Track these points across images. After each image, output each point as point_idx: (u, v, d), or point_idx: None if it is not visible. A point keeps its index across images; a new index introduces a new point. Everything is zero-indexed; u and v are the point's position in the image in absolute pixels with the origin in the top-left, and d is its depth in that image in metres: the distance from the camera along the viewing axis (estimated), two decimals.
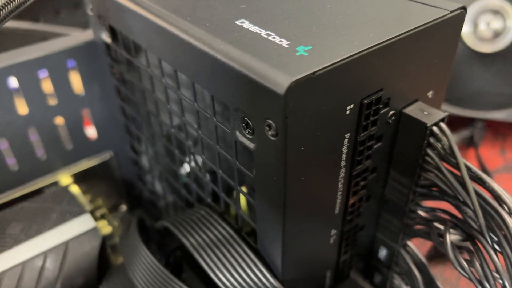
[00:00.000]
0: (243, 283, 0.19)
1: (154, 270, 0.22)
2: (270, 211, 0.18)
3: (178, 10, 0.19)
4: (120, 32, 0.23)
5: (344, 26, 0.17)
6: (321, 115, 0.16)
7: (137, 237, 0.23)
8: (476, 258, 0.18)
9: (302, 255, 0.20)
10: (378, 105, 0.18)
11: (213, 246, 0.20)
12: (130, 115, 0.28)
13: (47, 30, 0.55)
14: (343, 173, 0.19)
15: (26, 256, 0.25)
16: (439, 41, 0.19)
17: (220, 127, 0.19)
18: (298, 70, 0.14)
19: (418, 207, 0.22)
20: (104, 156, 0.31)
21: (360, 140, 0.18)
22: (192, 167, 0.23)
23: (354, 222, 0.22)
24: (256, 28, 0.17)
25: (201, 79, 0.18)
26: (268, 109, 0.15)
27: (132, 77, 0.25)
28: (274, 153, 0.16)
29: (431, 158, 0.19)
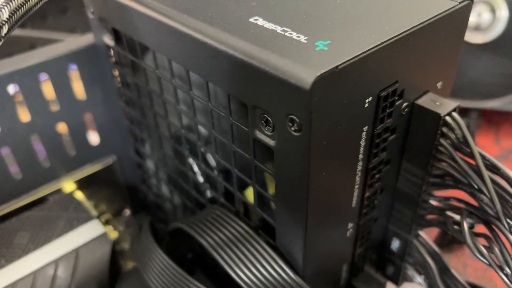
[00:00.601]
0: (264, 280, 0.19)
1: (170, 272, 0.22)
2: (291, 208, 0.18)
3: (188, 10, 0.19)
4: (125, 34, 0.23)
5: (358, 20, 0.17)
6: (342, 108, 0.16)
7: (151, 239, 0.23)
8: (494, 244, 0.19)
9: (322, 250, 0.20)
10: (394, 97, 0.18)
11: (232, 245, 0.20)
12: (134, 118, 0.28)
13: (35, 35, 0.55)
14: (360, 166, 0.19)
15: (37, 266, 0.24)
16: (448, 32, 0.19)
17: (235, 126, 0.18)
18: (321, 65, 0.14)
19: (431, 197, 0.22)
20: (107, 161, 0.31)
21: (377, 132, 0.18)
22: (203, 167, 0.23)
23: (369, 215, 0.22)
24: (271, 25, 0.17)
25: (217, 78, 0.18)
26: (292, 104, 0.15)
27: (138, 79, 0.24)
28: (297, 149, 0.16)
29: (444, 148, 0.19)
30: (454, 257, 0.34)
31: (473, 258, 0.34)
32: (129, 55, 0.24)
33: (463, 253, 0.34)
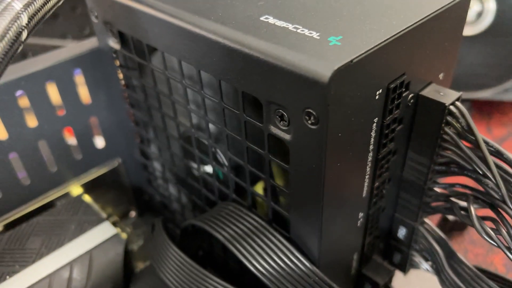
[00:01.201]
0: (281, 271, 0.20)
1: (187, 268, 0.22)
2: (307, 200, 0.19)
3: (199, 11, 0.19)
4: (132, 37, 0.23)
5: (366, 16, 0.18)
6: (356, 101, 0.16)
7: (165, 237, 0.24)
8: (502, 226, 0.19)
9: (335, 240, 0.21)
10: (401, 89, 0.18)
11: (248, 238, 0.21)
12: (140, 120, 0.28)
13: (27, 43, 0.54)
14: (370, 157, 0.19)
15: (51, 269, 0.25)
16: (450, 24, 0.20)
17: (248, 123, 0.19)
18: (337, 59, 0.15)
19: (436, 184, 0.23)
20: (112, 164, 0.31)
21: (386, 123, 0.19)
22: (214, 165, 0.23)
23: (378, 204, 0.22)
24: (282, 23, 0.17)
25: (230, 77, 0.18)
26: (309, 98, 0.15)
27: (145, 81, 0.25)
28: (314, 142, 0.16)
29: (449, 136, 0.20)
30: (454, 243, 0.35)
31: (473, 244, 0.35)
32: (136, 57, 0.24)
33: (463, 240, 0.35)
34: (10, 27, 0.15)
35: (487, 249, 0.34)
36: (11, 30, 0.15)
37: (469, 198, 0.21)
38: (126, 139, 0.30)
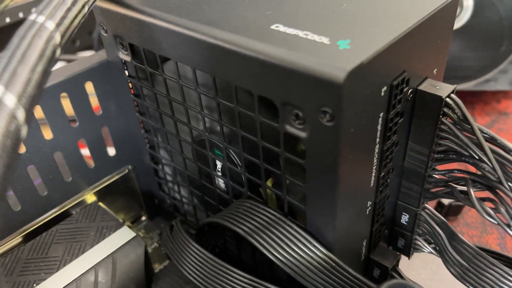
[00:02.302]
0: (300, 259, 0.22)
1: (209, 263, 0.24)
2: (322, 192, 0.20)
3: (212, 22, 0.21)
4: (143, 49, 0.25)
5: (368, 20, 0.19)
6: (365, 98, 0.18)
7: (185, 235, 0.25)
8: (500, 205, 0.21)
9: (348, 229, 0.22)
10: (402, 85, 0.20)
11: (267, 230, 0.22)
12: (151, 127, 0.29)
13: None
14: (377, 149, 0.21)
15: (77, 274, 0.26)
16: (442, 23, 0.22)
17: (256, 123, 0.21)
18: (349, 61, 0.16)
19: (435, 171, 0.25)
20: (123, 171, 0.33)
21: (390, 117, 0.21)
22: (228, 165, 0.25)
23: (384, 193, 0.24)
24: (292, 30, 0.19)
25: (246, 82, 0.20)
26: (325, 98, 0.17)
27: (157, 90, 0.26)
28: (329, 137, 0.18)
29: (446, 126, 0.22)
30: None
31: (468, 227, 0.37)
32: (148, 68, 0.25)
33: (458, 223, 0.37)
34: (46, 47, 0.16)
35: (481, 231, 0.36)
36: (48, 50, 0.16)
37: (468, 182, 0.23)
38: (135, 146, 0.32)
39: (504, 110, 0.50)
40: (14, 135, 0.13)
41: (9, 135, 0.13)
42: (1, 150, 0.13)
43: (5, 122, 0.13)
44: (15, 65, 0.14)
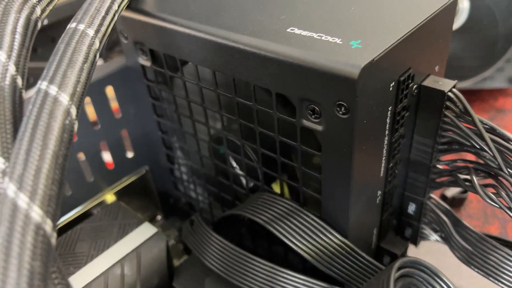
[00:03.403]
0: (318, 245, 0.23)
1: (230, 252, 0.25)
2: (337, 182, 0.22)
3: (232, 27, 0.22)
4: (164, 54, 0.26)
5: (376, 21, 0.21)
6: (376, 92, 0.20)
7: (207, 228, 0.26)
8: (501, 190, 0.23)
9: (360, 217, 0.24)
10: (408, 81, 0.22)
11: (285, 219, 0.24)
12: (168, 129, 0.31)
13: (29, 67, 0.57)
14: (386, 141, 0.23)
15: (104, 268, 0.27)
16: (442, 24, 0.23)
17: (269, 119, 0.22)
18: (362, 59, 0.18)
19: (439, 162, 0.26)
20: (140, 171, 0.34)
21: (398, 111, 0.22)
22: (246, 161, 0.26)
23: (392, 183, 0.26)
24: (307, 33, 0.21)
25: (265, 81, 0.21)
26: (341, 92, 0.19)
27: (176, 92, 0.28)
28: (345, 129, 0.19)
29: (449, 118, 0.24)
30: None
31: (470, 218, 0.38)
32: (168, 72, 0.27)
33: (460, 215, 0.39)
34: (89, 51, 0.18)
35: (482, 221, 0.38)
36: (91, 54, 0.18)
37: (470, 170, 0.24)
38: (152, 148, 0.33)
39: (501, 107, 0.52)
40: (69, 129, 0.15)
41: (65, 129, 0.15)
42: (59, 143, 0.14)
43: (62, 118, 0.15)
44: (64, 68, 0.16)
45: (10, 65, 0.16)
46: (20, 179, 0.13)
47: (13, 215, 0.13)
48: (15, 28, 0.17)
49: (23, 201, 0.13)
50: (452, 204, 0.39)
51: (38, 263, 0.13)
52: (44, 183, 0.14)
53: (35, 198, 0.13)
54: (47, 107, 0.15)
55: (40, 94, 0.15)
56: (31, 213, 0.13)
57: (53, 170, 0.14)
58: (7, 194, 0.13)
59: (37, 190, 0.13)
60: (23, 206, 0.13)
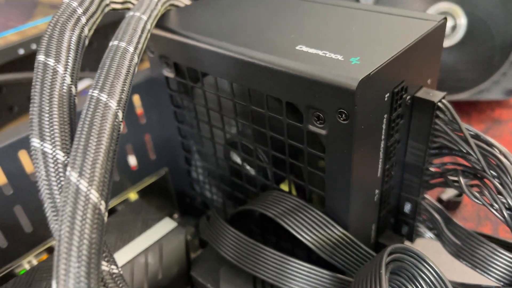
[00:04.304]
0: (321, 237, 0.26)
1: (244, 244, 0.28)
2: (339, 180, 0.25)
3: (248, 44, 0.26)
4: (186, 66, 0.30)
5: (373, 40, 0.24)
6: (372, 102, 0.23)
7: (223, 222, 0.29)
8: (484, 189, 0.26)
9: (359, 213, 0.27)
10: (402, 92, 0.25)
11: (293, 214, 0.27)
12: (187, 133, 0.34)
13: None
14: (382, 144, 0.26)
15: (130, 257, 0.30)
16: (433, 42, 0.26)
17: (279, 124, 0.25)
18: (360, 73, 0.21)
19: (431, 165, 0.29)
20: (161, 172, 0.37)
21: (392, 118, 0.25)
22: (258, 162, 0.30)
23: (389, 183, 0.29)
24: (313, 50, 0.24)
25: (276, 91, 0.25)
26: (342, 101, 0.22)
27: (196, 101, 0.31)
28: (345, 133, 0.23)
29: (439, 126, 0.27)
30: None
31: (465, 220, 0.41)
32: (190, 83, 0.30)
33: (455, 217, 0.42)
34: (130, 65, 0.21)
35: (476, 223, 0.41)
36: (132, 67, 0.21)
37: (458, 172, 0.27)
38: (172, 151, 0.37)
39: (498, 118, 0.55)
40: (117, 129, 0.18)
41: (115, 129, 0.18)
42: (110, 140, 0.18)
43: (111, 120, 0.18)
44: (112, 79, 0.19)
45: (66, 76, 0.20)
46: (80, 168, 0.17)
47: (76, 196, 0.16)
48: (69, 45, 0.21)
49: (83, 185, 0.16)
50: (447, 207, 0.41)
51: (95, 235, 0.16)
52: (99, 171, 0.17)
53: (92, 183, 0.17)
54: (99, 111, 0.18)
55: (93, 100, 0.19)
56: (90, 195, 0.16)
57: (106, 162, 0.17)
58: (70, 180, 0.17)
59: (94, 177, 0.17)
60: (84, 190, 0.16)
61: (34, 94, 0.19)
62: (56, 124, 0.18)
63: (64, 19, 0.21)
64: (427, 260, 0.22)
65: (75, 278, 0.15)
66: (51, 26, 0.21)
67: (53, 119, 0.18)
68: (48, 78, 0.19)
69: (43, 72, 0.19)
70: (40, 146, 0.18)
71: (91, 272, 0.16)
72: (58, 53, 0.20)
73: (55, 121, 0.18)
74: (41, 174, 0.18)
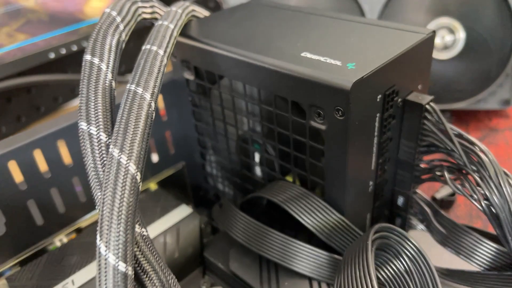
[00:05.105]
0: (321, 221, 0.30)
1: (253, 227, 0.32)
2: (336, 170, 0.28)
3: (259, 51, 0.29)
4: (205, 70, 0.34)
5: (367, 49, 0.28)
6: (365, 101, 0.26)
7: (234, 208, 0.33)
8: (465, 182, 0.29)
9: (355, 201, 0.30)
10: (393, 95, 0.29)
11: (296, 200, 0.30)
12: (204, 131, 0.38)
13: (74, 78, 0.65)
14: (375, 141, 0.29)
15: (151, 236, 0.34)
16: (423, 52, 0.30)
17: (287, 121, 0.29)
18: (354, 76, 0.25)
19: (421, 161, 0.33)
20: (178, 166, 0.41)
21: (384, 118, 0.29)
22: (265, 155, 0.33)
23: (382, 177, 0.32)
24: (316, 57, 0.28)
25: (283, 92, 0.28)
26: (339, 100, 0.25)
27: (212, 101, 0.35)
28: (341, 128, 0.26)
29: (427, 126, 0.30)
30: None
31: (457, 218, 0.44)
32: (208, 84, 0.34)
33: (449, 215, 0.45)
34: (161, 65, 0.25)
35: (468, 221, 0.44)
36: (161, 67, 0.25)
37: (443, 167, 0.31)
38: (189, 146, 0.40)
39: (495, 127, 0.58)
40: (151, 116, 0.22)
41: (149, 116, 0.22)
42: (145, 124, 0.22)
43: (146, 109, 0.22)
44: (146, 76, 0.23)
45: (108, 73, 0.24)
46: (121, 146, 0.21)
47: (118, 168, 0.20)
48: (110, 47, 0.25)
49: (123, 159, 0.20)
50: (441, 206, 0.45)
51: (132, 199, 0.20)
52: (136, 149, 0.21)
53: (131, 158, 0.20)
54: (136, 101, 0.22)
55: (131, 93, 0.23)
56: (129, 167, 0.20)
57: (142, 141, 0.21)
58: (113, 155, 0.21)
59: (132, 153, 0.21)
60: (124, 162, 0.20)
61: (82, 86, 0.23)
62: (100, 111, 0.22)
63: (106, 26, 0.25)
64: (410, 238, 0.26)
65: (115, 233, 0.19)
66: (96, 31, 0.25)
67: (98, 107, 0.22)
68: (94, 74, 0.23)
69: (90, 69, 0.23)
70: (87, 128, 0.22)
71: (128, 229, 0.20)
72: (102, 54, 0.24)
73: (99, 109, 0.22)
74: (87, 152, 0.22)
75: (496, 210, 0.28)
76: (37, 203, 0.33)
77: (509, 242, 0.28)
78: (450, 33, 0.54)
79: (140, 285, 0.21)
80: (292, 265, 0.30)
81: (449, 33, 0.54)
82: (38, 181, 0.32)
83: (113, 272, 0.19)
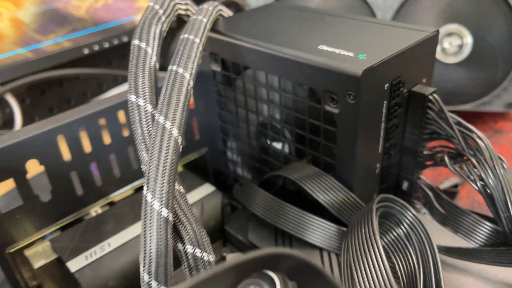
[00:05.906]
0: (333, 197, 0.33)
1: (270, 201, 0.35)
2: (347, 151, 0.32)
3: (281, 43, 0.33)
4: (232, 62, 0.38)
5: (377, 44, 0.32)
6: (374, 88, 0.30)
7: (254, 185, 0.37)
8: (464, 165, 0.33)
9: (363, 180, 0.34)
10: (399, 85, 0.32)
11: (311, 178, 0.34)
12: (226, 118, 0.42)
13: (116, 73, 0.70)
14: (383, 126, 0.33)
15: None
16: (427, 48, 0.34)
17: (305, 105, 0.33)
18: (364, 65, 0.29)
19: (424, 148, 0.36)
20: (202, 151, 0.45)
21: (391, 105, 0.32)
22: (283, 139, 0.37)
23: (388, 160, 0.36)
24: (332, 49, 0.32)
25: (301, 80, 0.32)
26: (351, 86, 0.29)
27: (236, 90, 0.39)
28: (352, 111, 0.30)
29: (430, 115, 0.34)
30: None
31: None
32: (233, 75, 0.38)
33: None
34: (197, 52, 0.29)
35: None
36: (198, 54, 0.29)
37: (444, 152, 0.34)
38: (212, 133, 0.44)
39: (500, 129, 0.61)
40: (189, 92, 0.26)
41: (187, 92, 0.26)
42: (185, 99, 0.26)
43: (186, 86, 0.26)
44: (185, 59, 0.27)
45: (153, 56, 0.28)
46: (165, 114, 0.25)
47: (162, 132, 0.24)
48: (154, 35, 0.29)
49: (168, 125, 0.24)
50: None
51: (174, 158, 0.24)
52: (179, 117, 0.25)
53: (174, 124, 0.24)
54: (178, 79, 0.26)
55: (172, 72, 0.27)
56: (172, 131, 0.24)
57: (183, 111, 0.25)
58: (159, 122, 0.24)
59: (175, 120, 0.24)
60: (168, 127, 0.24)
61: (131, 66, 0.27)
62: (147, 86, 0.26)
63: (151, 17, 0.29)
64: (410, 208, 0.29)
65: (160, 184, 0.23)
66: (142, 21, 0.29)
67: (145, 82, 0.26)
68: (142, 55, 0.27)
69: (138, 51, 0.28)
70: (135, 100, 0.26)
71: (170, 181, 0.23)
72: (148, 40, 0.28)
73: (146, 84, 0.26)
74: (135, 120, 0.26)
75: (490, 190, 0.31)
76: (78, 175, 0.37)
77: (501, 219, 0.31)
78: (458, 38, 0.57)
79: (176, 233, 0.25)
80: (305, 236, 0.34)
81: (457, 39, 0.57)
82: (80, 156, 0.36)
83: (157, 217, 0.23)
